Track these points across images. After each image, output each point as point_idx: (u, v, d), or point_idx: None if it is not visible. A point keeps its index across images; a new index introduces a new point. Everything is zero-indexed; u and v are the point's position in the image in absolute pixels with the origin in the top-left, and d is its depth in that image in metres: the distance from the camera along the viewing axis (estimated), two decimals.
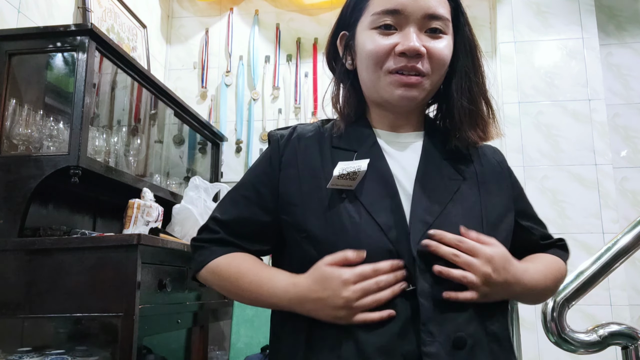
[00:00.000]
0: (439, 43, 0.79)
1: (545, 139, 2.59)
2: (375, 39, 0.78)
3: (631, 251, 1.06)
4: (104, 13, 2.27)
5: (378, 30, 0.79)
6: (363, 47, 0.80)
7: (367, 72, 0.81)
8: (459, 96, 0.81)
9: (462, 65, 0.81)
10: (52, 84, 1.74)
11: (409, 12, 0.77)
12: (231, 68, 2.93)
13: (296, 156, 0.83)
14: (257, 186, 0.84)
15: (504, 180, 0.87)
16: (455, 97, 0.81)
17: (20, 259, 1.42)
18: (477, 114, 0.81)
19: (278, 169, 0.83)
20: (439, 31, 0.79)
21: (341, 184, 0.76)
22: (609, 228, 2.46)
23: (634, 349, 1.02)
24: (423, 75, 0.78)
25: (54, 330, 1.66)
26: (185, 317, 1.76)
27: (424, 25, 0.78)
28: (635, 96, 2.78)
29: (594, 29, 2.67)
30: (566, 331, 1.08)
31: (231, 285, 0.81)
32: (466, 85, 0.81)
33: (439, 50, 0.78)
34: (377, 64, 0.79)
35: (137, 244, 1.38)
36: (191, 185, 2.05)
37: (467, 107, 0.80)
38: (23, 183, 1.49)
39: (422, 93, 0.80)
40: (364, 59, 0.81)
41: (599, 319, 2.29)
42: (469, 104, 0.80)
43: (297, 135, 0.85)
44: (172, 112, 2.27)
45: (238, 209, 0.85)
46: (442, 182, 0.79)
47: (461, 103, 0.80)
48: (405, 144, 0.84)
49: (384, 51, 0.78)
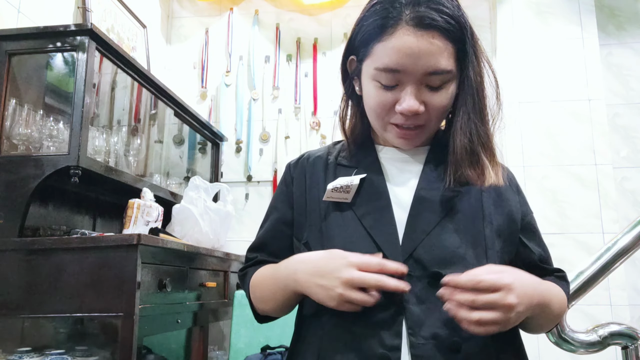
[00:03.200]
0: (439, 96, 0.79)
1: (545, 139, 2.59)
2: (377, 92, 0.80)
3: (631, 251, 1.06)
4: (104, 13, 2.27)
5: (379, 84, 0.80)
6: (367, 95, 0.83)
7: (371, 118, 0.85)
8: (460, 136, 0.81)
9: (466, 106, 0.81)
10: (52, 84, 1.74)
11: (409, 72, 0.77)
12: (231, 68, 2.93)
13: (304, 173, 0.91)
14: (278, 205, 0.93)
15: (511, 195, 0.87)
16: (457, 136, 0.81)
17: (20, 259, 1.42)
18: (475, 155, 0.81)
19: (291, 184, 0.92)
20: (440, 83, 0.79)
21: (336, 196, 0.82)
22: (609, 228, 2.46)
23: (634, 349, 1.02)
24: (421, 127, 0.81)
25: (54, 330, 1.66)
26: (185, 317, 1.76)
27: (425, 80, 0.78)
28: (635, 96, 2.78)
29: (594, 29, 2.67)
30: (566, 331, 1.08)
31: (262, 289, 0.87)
32: (467, 127, 0.81)
33: (437, 104, 0.79)
34: (378, 118, 0.82)
35: (137, 244, 1.38)
36: (191, 185, 2.05)
37: (466, 146, 0.80)
38: (23, 183, 1.49)
39: (422, 138, 0.84)
40: (367, 107, 0.84)
41: (599, 319, 2.29)
42: (469, 144, 0.80)
43: (306, 156, 0.94)
44: (172, 112, 2.27)
45: (266, 230, 0.93)
46: (440, 194, 0.80)
47: (462, 143, 0.81)
48: (408, 159, 0.87)
49: (383, 108, 0.80)
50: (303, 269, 0.77)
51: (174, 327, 1.70)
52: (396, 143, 0.85)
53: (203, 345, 2.00)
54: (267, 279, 0.86)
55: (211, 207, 2.04)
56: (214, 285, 1.94)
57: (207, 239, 1.98)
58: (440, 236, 0.76)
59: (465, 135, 0.80)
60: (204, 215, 1.99)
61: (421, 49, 0.75)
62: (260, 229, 0.95)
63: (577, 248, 2.46)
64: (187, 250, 1.72)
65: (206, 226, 1.98)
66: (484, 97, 0.83)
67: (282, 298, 0.83)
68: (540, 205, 2.53)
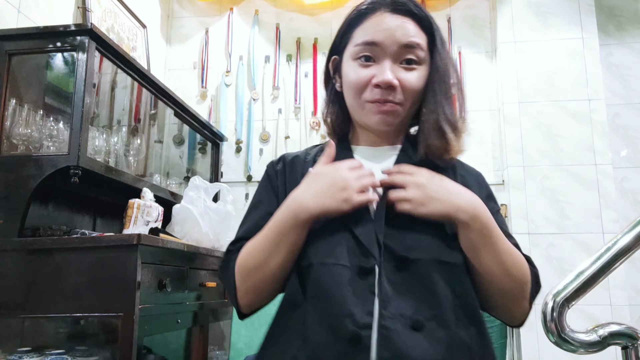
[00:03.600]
0: (412, 74, 0.88)
1: (545, 139, 2.59)
2: (356, 70, 0.89)
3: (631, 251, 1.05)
4: (104, 13, 2.27)
5: (359, 62, 0.89)
6: (347, 76, 0.91)
7: (349, 98, 0.92)
8: (427, 117, 0.89)
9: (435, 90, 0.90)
10: (52, 84, 1.74)
11: (385, 45, 0.86)
12: (231, 68, 2.93)
13: (285, 170, 0.97)
14: (263, 199, 0.96)
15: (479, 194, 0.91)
16: (424, 117, 0.90)
17: (20, 259, 1.42)
18: (441, 130, 0.88)
19: (275, 178, 0.97)
20: (413, 62, 0.88)
21: None
22: (609, 228, 2.46)
23: (634, 349, 1.02)
24: (397, 104, 0.88)
25: (54, 330, 1.66)
26: (185, 317, 1.76)
27: (400, 56, 0.87)
28: (635, 96, 2.78)
29: (594, 29, 2.67)
30: (566, 331, 1.08)
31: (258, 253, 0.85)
32: (434, 108, 0.89)
33: (410, 82, 0.87)
34: (357, 93, 0.89)
35: (137, 244, 1.38)
36: (191, 185, 2.05)
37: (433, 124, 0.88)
38: (23, 183, 1.49)
39: (397, 119, 0.90)
40: (347, 87, 0.92)
41: (599, 319, 2.29)
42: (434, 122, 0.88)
43: (286, 156, 1.01)
44: (172, 112, 2.27)
45: (253, 222, 0.93)
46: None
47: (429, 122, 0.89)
48: (381, 157, 0.94)
49: (362, 82, 0.88)
50: (306, 194, 0.83)
51: (174, 327, 1.70)
52: (373, 122, 0.90)
53: (203, 345, 2.00)
54: (261, 239, 0.85)
55: (211, 207, 2.04)
56: (214, 285, 1.94)
57: (207, 239, 1.98)
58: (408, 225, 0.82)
59: (432, 113, 0.88)
60: (204, 215, 1.99)
61: (396, 25, 0.87)
62: (244, 224, 0.95)
63: (577, 248, 2.46)
64: (187, 250, 1.72)
65: (206, 226, 1.98)
66: (449, 82, 0.91)
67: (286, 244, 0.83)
68: (540, 205, 2.53)
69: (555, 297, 1.07)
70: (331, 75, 0.98)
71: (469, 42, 2.86)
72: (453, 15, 2.88)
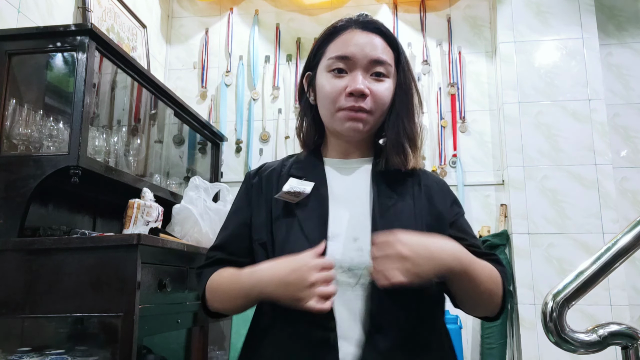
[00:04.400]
0: (381, 86, 0.95)
1: (545, 139, 2.59)
2: (330, 81, 0.95)
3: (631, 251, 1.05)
4: (104, 13, 2.27)
5: (332, 74, 0.95)
6: (322, 87, 0.97)
7: (323, 108, 0.98)
8: (389, 130, 0.97)
9: (397, 105, 0.97)
10: (52, 84, 1.74)
11: (356, 59, 0.94)
12: (231, 68, 2.93)
13: (261, 182, 1.03)
14: (239, 208, 1.03)
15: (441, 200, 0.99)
16: (388, 131, 0.97)
17: (20, 259, 1.42)
18: (401, 146, 0.96)
19: (251, 190, 1.03)
20: (382, 75, 0.95)
21: (286, 197, 0.95)
22: (609, 228, 2.46)
23: (634, 349, 1.02)
24: (367, 112, 0.94)
25: (54, 330, 1.66)
26: (185, 317, 1.76)
27: (369, 69, 0.94)
28: (635, 96, 2.78)
29: (593, 29, 2.67)
30: (566, 331, 1.08)
31: (222, 293, 0.95)
32: (395, 123, 0.96)
33: (380, 92, 0.94)
34: (332, 102, 0.95)
35: (137, 244, 1.38)
36: (191, 185, 2.05)
37: (394, 139, 0.96)
38: (23, 183, 1.49)
39: (367, 126, 0.96)
40: (321, 98, 0.98)
41: (599, 319, 2.29)
42: (395, 137, 0.96)
43: (264, 167, 1.08)
44: (172, 112, 2.27)
45: (229, 231, 1.02)
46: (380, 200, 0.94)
47: (390, 138, 0.97)
48: (352, 169, 1.01)
49: (336, 92, 0.94)
50: (268, 280, 0.85)
51: (174, 327, 1.70)
52: (345, 128, 0.95)
53: (203, 345, 2.00)
54: (228, 284, 0.93)
55: (211, 207, 2.04)
56: None
57: (207, 239, 1.98)
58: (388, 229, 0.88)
59: (393, 130, 0.96)
60: (204, 215, 1.99)
61: (366, 41, 0.95)
62: (222, 231, 1.03)
63: (577, 248, 2.46)
64: (187, 250, 1.72)
65: (206, 226, 1.98)
66: (412, 99, 0.99)
67: (243, 303, 0.93)
68: (540, 205, 2.53)
69: (555, 297, 1.07)
70: (305, 90, 1.05)
71: (469, 42, 2.86)
72: (453, 15, 2.88)
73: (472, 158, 2.71)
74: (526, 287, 2.43)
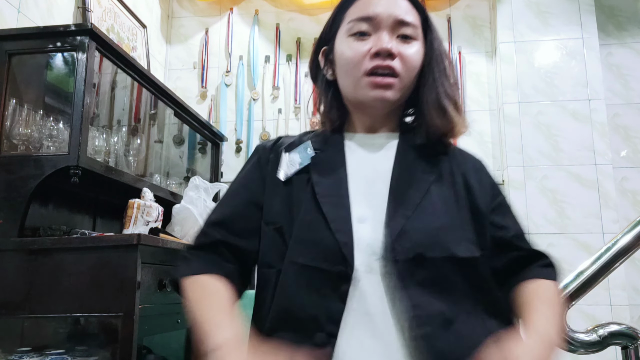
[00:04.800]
0: (410, 48, 0.86)
1: (545, 139, 2.59)
2: (352, 45, 0.86)
3: (631, 251, 1.06)
4: (104, 13, 2.27)
5: (354, 37, 0.86)
6: (342, 54, 0.87)
7: (345, 76, 0.88)
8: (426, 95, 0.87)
9: (431, 71, 0.88)
10: (52, 84, 1.74)
11: (381, 19, 0.84)
12: (231, 68, 2.93)
13: (277, 157, 0.91)
14: (250, 185, 0.91)
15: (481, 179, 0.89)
16: (426, 97, 0.87)
17: (20, 259, 1.42)
18: (442, 108, 0.85)
19: (267, 166, 0.91)
20: (409, 37, 0.86)
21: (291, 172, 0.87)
22: (609, 228, 2.46)
23: (634, 349, 1.02)
24: (396, 76, 0.84)
25: (54, 330, 1.66)
26: (185, 317, 1.75)
27: (395, 30, 0.85)
28: (635, 96, 2.78)
29: (594, 29, 2.67)
30: (566, 331, 1.08)
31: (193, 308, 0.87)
32: (434, 87, 0.86)
33: (409, 54, 0.85)
34: (355, 67, 0.85)
35: (137, 244, 1.38)
36: (191, 185, 2.05)
37: (434, 100, 0.86)
38: (23, 183, 1.49)
39: (396, 94, 0.85)
40: (342, 65, 0.87)
41: (599, 319, 2.29)
42: (437, 103, 0.86)
43: (280, 142, 0.97)
44: (172, 112, 2.27)
45: (234, 207, 0.89)
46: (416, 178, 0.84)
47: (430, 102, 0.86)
48: (379, 145, 0.90)
49: (360, 55, 0.84)
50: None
51: (174, 327, 1.70)
52: (370, 97, 0.85)
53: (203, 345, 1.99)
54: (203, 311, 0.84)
55: (211, 207, 2.04)
56: None
57: None
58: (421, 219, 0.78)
59: (432, 92, 0.86)
60: (204, 215, 1.99)
61: (390, 1, 0.86)
62: (224, 206, 0.90)
63: (577, 248, 2.46)
64: None
65: None
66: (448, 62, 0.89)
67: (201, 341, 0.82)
68: (540, 205, 2.53)
69: None
70: (321, 66, 0.94)
71: (469, 42, 2.86)
72: (453, 15, 2.88)
73: None
74: None
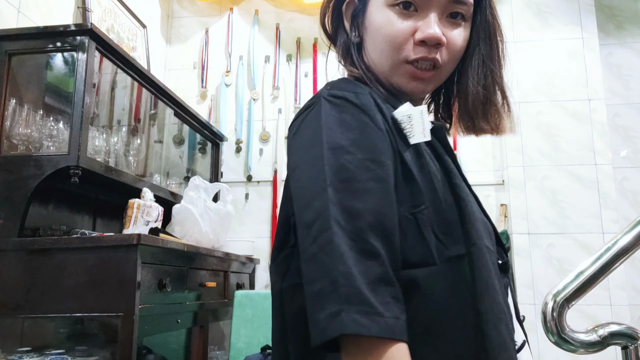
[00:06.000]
0: (457, 32, 0.72)
1: (545, 139, 2.59)
2: (392, 20, 0.70)
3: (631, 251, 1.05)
4: (104, 13, 2.27)
5: (396, 9, 0.70)
6: (378, 27, 0.71)
7: (380, 56, 0.72)
8: (474, 84, 0.74)
9: (480, 52, 0.74)
10: (52, 84, 1.74)
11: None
12: (231, 68, 2.93)
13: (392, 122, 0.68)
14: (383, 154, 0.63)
15: None
16: (470, 84, 0.74)
17: (20, 259, 1.42)
18: (492, 104, 0.74)
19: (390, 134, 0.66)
20: (460, 16, 0.71)
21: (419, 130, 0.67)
22: (609, 228, 2.46)
23: (634, 349, 1.02)
24: (438, 67, 0.71)
25: (54, 330, 1.66)
26: (185, 317, 1.76)
27: (447, 8, 0.70)
28: (635, 96, 2.78)
29: (594, 29, 2.67)
30: (566, 331, 1.08)
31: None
32: (482, 73, 0.74)
33: (456, 41, 0.71)
34: (394, 50, 0.70)
35: (137, 244, 1.38)
36: (191, 185, 2.05)
37: (482, 95, 0.73)
38: (23, 183, 1.49)
39: (435, 85, 0.74)
40: (378, 42, 0.72)
41: (599, 319, 2.29)
42: (484, 92, 0.73)
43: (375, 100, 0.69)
44: (172, 112, 2.27)
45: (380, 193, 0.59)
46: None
47: (477, 90, 0.73)
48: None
49: (402, 37, 0.69)
50: None
51: (174, 327, 1.70)
52: (407, 87, 0.72)
53: (203, 345, 2.00)
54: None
55: (211, 207, 2.04)
56: (214, 285, 1.95)
57: (207, 239, 1.98)
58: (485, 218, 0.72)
59: (480, 82, 0.73)
60: (204, 215, 1.99)
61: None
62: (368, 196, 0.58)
63: (577, 248, 2.46)
64: (187, 250, 1.72)
65: (206, 226, 1.98)
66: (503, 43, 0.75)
67: None
68: (540, 205, 2.53)
69: (555, 297, 1.08)
70: (346, 25, 0.77)
71: None
72: None
73: (472, 158, 2.71)
74: (526, 287, 2.43)
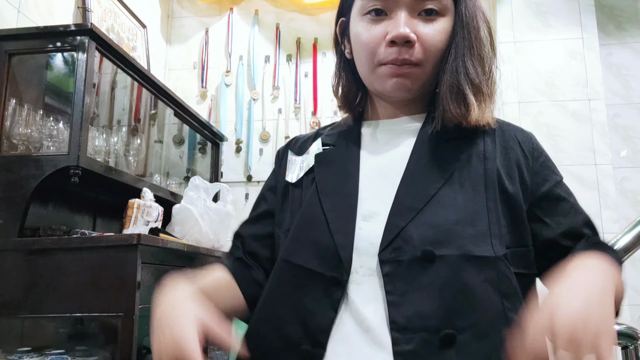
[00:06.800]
0: (432, 27, 0.73)
1: (545, 139, 2.59)
2: (367, 27, 0.75)
3: (631, 251, 1.05)
4: (104, 13, 2.27)
5: (369, 17, 0.75)
6: (356, 37, 0.77)
7: (361, 63, 0.78)
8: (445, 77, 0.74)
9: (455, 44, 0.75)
10: (52, 84, 1.74)
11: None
12: (231, 68, 2.93)
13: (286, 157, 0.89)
14: (266, 188, 0.89)
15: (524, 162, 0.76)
16: (441, 78, 0.75)
17: (20, 259, 1.42)
18: (460, 92, 0.73)
19: (278, 172, 0.88)
20: (434, 12, 0.73)
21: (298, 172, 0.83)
22: (609, 228, 2.46)
23: (634, 349, 1.02)
24: (415, 65, 0.73)
25: (54, 330, 1.66)
26: None
27: (417, 5, 0.73)
28: (635, 96, 2.78)
29: (594, 29, 2.67)
30: None
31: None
32: (453, 63, 0.74)
33: (430, 37, 0.73)
34: (370, 55, 0.75)
35: (137, 244, 1.38)
36: (191, 185, 2.05)
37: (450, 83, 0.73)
38: (23, 183, 1.49)
39: (417, 83, 0.76)
40: (357, 49, 0.78)
41: None
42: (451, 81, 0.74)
43: (295, 140, 0.91)
44: (172, 112, 2.27)
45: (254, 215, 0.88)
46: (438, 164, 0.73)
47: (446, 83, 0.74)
48: (400, 131, 0.80)
49: (375, 41, 0.74)
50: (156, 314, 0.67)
51: None
52: (388, 88, 0.75)
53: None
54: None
55: (211, 207, 2.04)
56: None
57: (207, 239, 1.98)
58: (434, 212, 0.68)
59: (452, 73, 0.73)
60: (204, 215, 1.99)
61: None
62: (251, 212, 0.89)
63: None
64: (187, 250, 1.72)
65: (206, 226, 1.98)
66: (477, 35, 0.76)
67: None
68: None
69: None
70: (339, 41, 0.84)
71: None
72: None
73: None
74: None
